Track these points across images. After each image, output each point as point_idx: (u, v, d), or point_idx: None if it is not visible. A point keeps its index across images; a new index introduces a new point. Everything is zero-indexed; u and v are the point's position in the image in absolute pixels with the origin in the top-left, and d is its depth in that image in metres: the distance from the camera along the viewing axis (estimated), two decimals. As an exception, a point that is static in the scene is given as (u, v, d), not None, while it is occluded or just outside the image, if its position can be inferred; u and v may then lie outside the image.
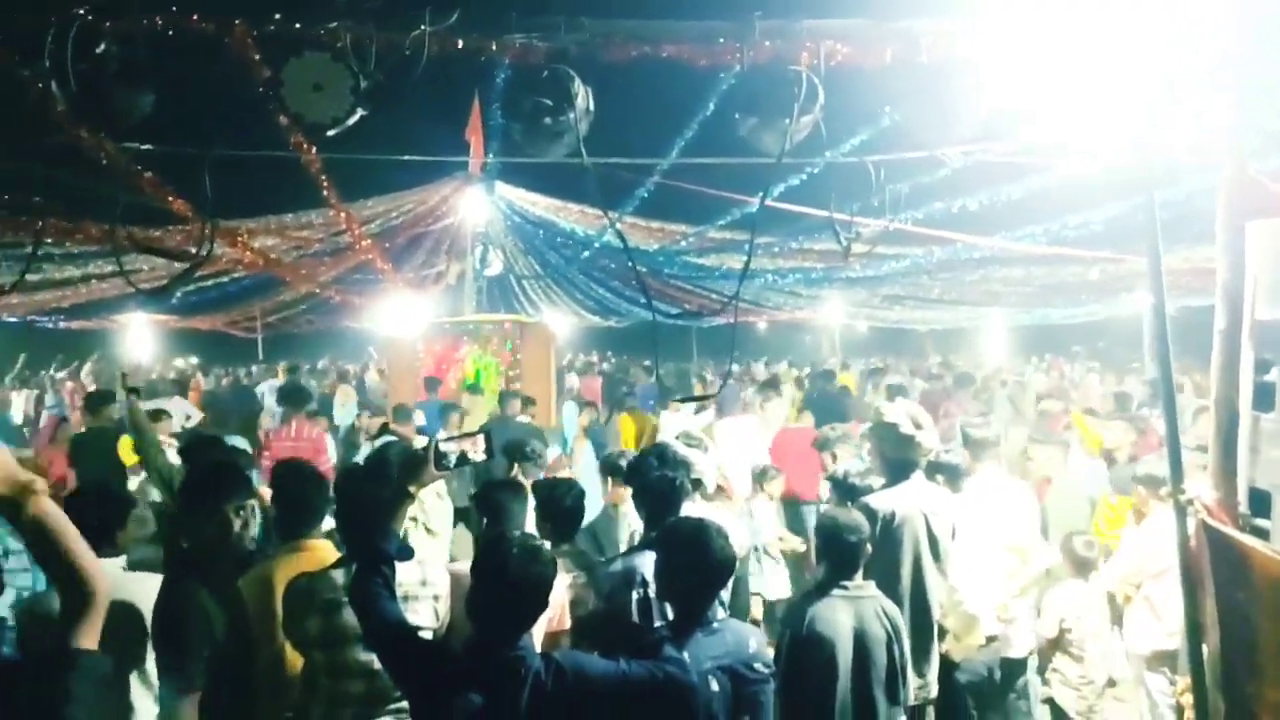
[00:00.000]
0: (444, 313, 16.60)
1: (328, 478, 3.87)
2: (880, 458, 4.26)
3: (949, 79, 3.83)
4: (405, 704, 3.01)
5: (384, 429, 8.29)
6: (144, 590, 3.16)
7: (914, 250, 9.52)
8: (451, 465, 2.85)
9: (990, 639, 4.54)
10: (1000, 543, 4.65)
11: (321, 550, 3.37)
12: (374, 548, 2.66)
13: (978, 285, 14.80)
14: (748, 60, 3.70)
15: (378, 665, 2.93)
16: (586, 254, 13.81)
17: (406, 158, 5.53)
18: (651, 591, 3.30)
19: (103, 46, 3.15)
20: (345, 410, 14.56)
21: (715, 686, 2.80)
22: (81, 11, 3.12)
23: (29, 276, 11.43)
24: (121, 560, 3.47)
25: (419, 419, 9.44)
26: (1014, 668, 4.78)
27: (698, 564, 2.88)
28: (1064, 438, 7.12)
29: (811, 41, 3.80)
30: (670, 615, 3.08)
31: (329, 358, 28.82)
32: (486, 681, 2.35)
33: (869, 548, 3.46)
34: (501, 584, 2.39)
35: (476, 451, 2.93)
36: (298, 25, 3.39)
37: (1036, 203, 7.87)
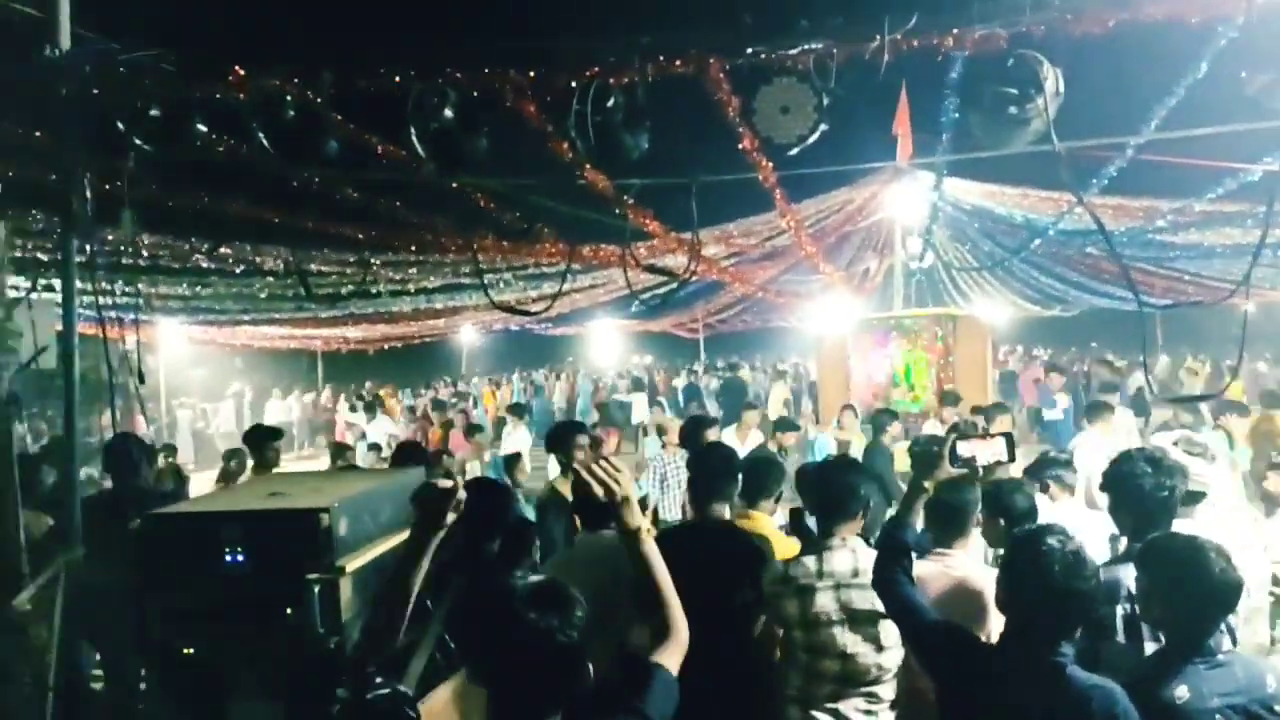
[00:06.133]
0: (871, 308, 16.59)
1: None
2: None
3: None
4: (878, 687, 3.17)
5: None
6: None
7: None
8: (965, 465, 2.87)
9: None
10: None
11: (760, 520, 3.86)
12: (893, 537, 2.82)
13: None
14: (1255, 9, 3.19)
15: (852, 649, 3.12)
16: (1038, 242, 12.76)
17: (858, 165, 5.67)
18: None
19: (611, 100, 3.78)
20: (780, 406, 15.31)
21: (1229, 729, 2.49)
22: (596, 70, 3.77)
23: (522, 290, 13.93)
24: None
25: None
26: None
27: (1190, 587, 2.56)
28: None
29: (1349, -31, 3.16)
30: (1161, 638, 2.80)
31: (761, 355, 30.39)
32: (1016, 678, 2.36)
33: None
34: (1038, 591, 2.34)
35: (995, 454, 2.87)
36: (763, 55, 3.71)
37: None
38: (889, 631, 3.08)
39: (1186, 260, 13.39)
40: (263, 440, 6.71)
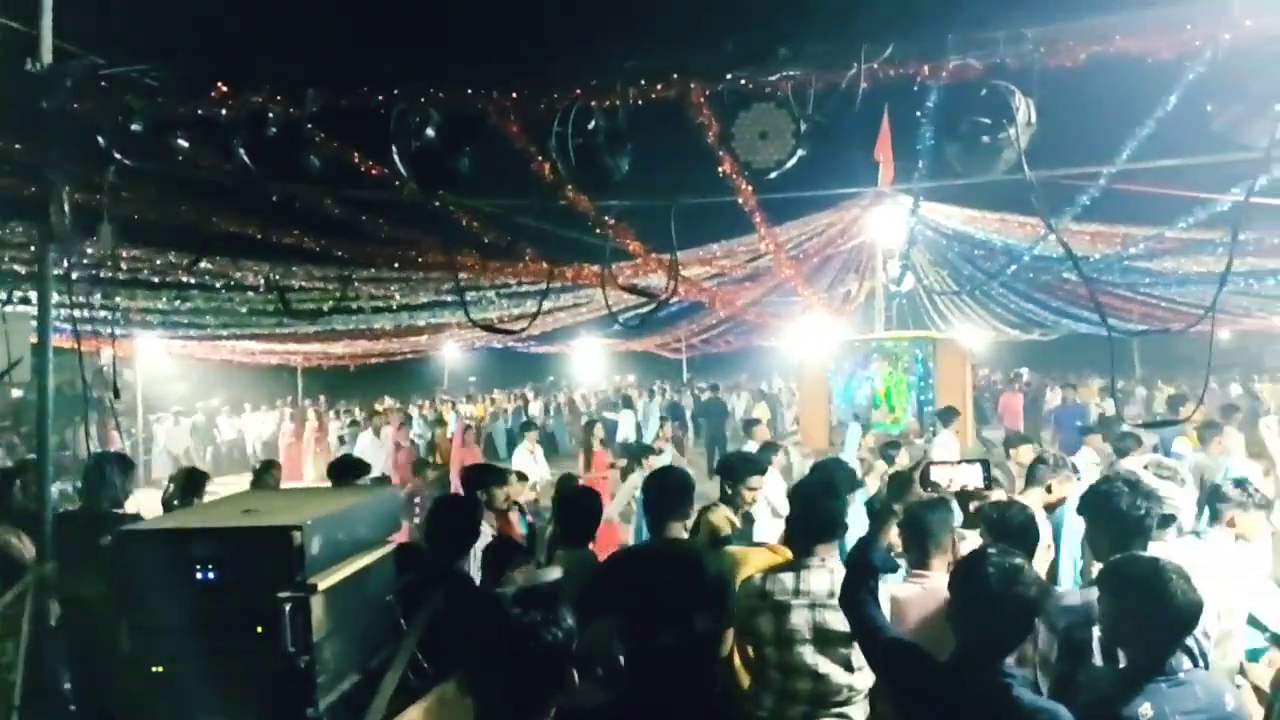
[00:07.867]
0: (852, 331, 16.73)
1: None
2: None
3: None
4: (849, 708, 3.17)
5: None
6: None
7: None
8: (938, 489, 2.90)
9: None
10: None
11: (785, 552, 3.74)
12: (863, 558, 2.84)
13: None
14: (1223, 46, 3.28)
15: (824, 669, 3.13)
16: (1014, 268, 12.94)
17: (839, 191, 5.75)
18: (1118, 632, 3.04)
19: (593, 122, 3.82)
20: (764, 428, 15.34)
21: (1188, 744, 2.51)
22: (579, 92, 3.81)
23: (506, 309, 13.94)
24: None
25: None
26: None
27: (1152, 608, 2.59)
28: None
29: (1312, 8, 3.25)
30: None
31: (745, 376, 30.51)
32: (965, 698, 2.38)
33: None
34: (979, 601, 2.38)
35: (968, 480, 2.89)
36: (743, 81, 3.76)
37: None
38: (861, 653, 3.09)
39: (1162, 286, 13.59)
40: (347, 475, 5.94)
